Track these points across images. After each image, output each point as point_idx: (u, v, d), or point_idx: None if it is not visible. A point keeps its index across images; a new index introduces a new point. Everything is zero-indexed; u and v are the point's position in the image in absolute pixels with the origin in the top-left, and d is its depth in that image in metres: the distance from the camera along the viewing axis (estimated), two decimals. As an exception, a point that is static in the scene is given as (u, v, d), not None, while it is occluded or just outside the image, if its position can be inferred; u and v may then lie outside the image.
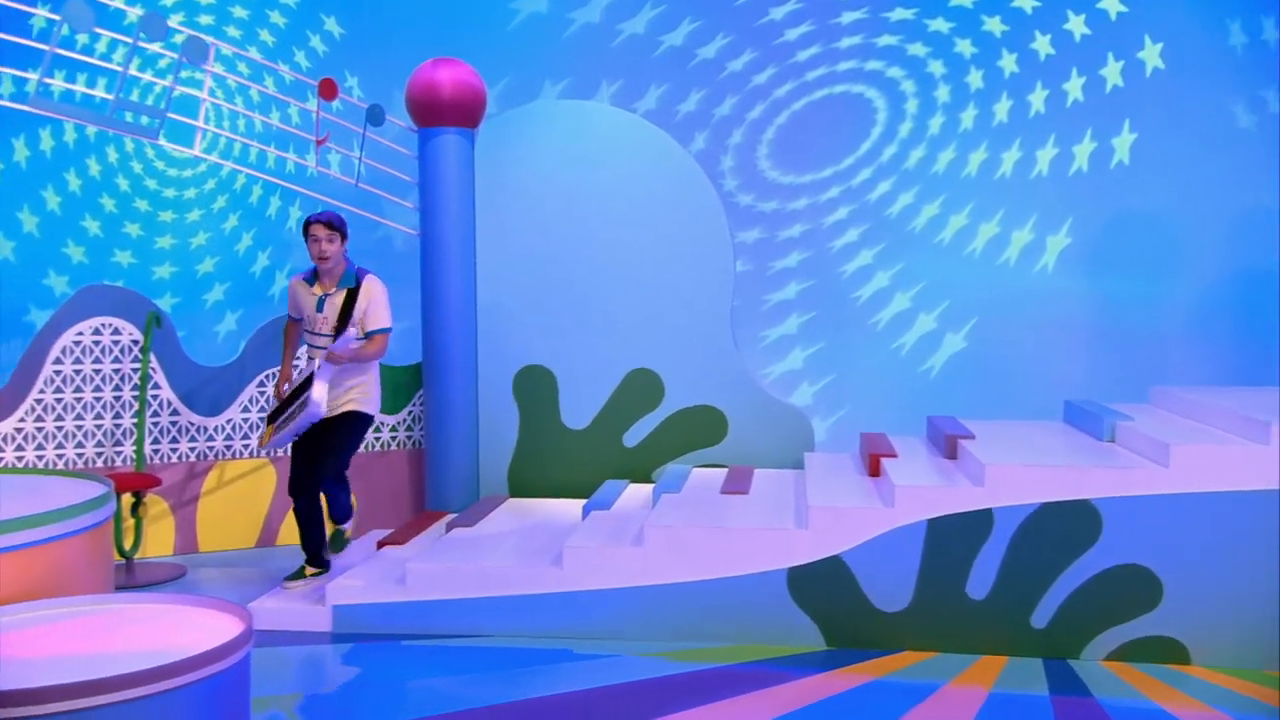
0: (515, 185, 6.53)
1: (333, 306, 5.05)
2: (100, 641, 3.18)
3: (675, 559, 4.80)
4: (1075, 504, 4.55)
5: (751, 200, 7.64)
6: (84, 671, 2.81)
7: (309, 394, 4.90)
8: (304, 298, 5.14)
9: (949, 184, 7.34)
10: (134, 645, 3.12)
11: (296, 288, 5.21)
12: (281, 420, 5.11)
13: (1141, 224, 6.98)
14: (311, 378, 4.94)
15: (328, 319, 5.07)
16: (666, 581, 4.79)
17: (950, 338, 7.33)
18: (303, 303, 5.15)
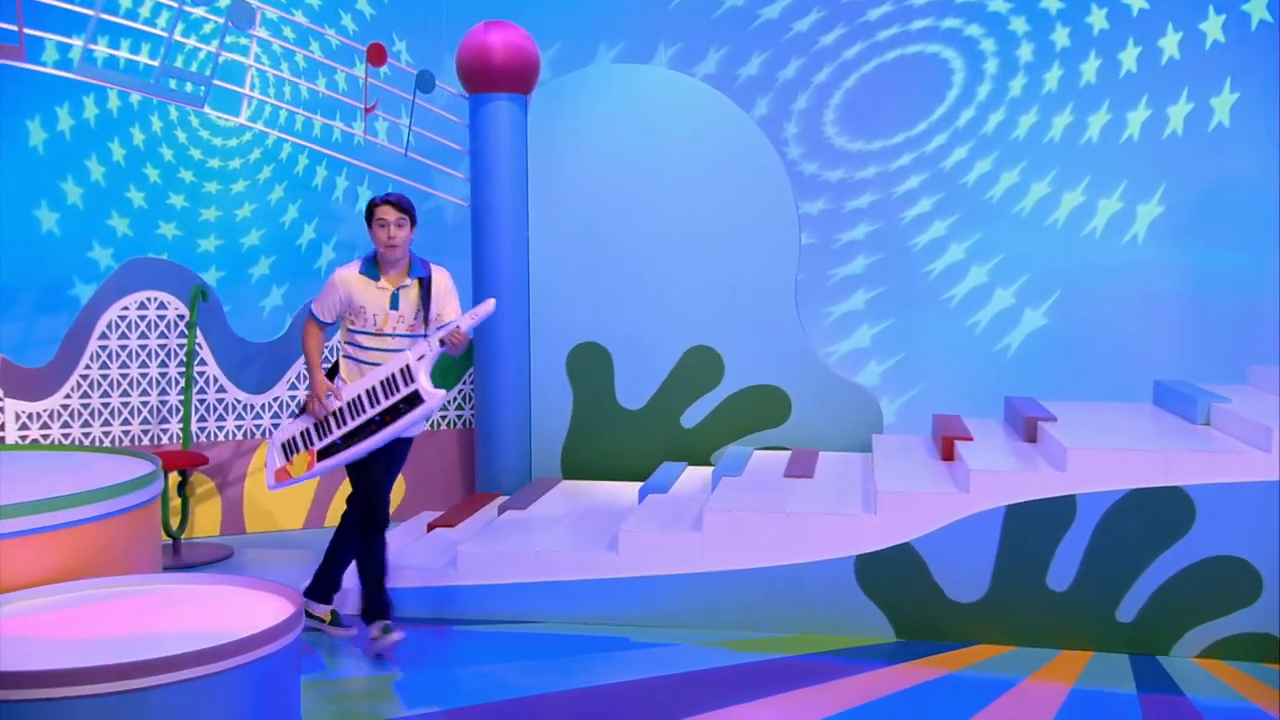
0: (569, 154, 6.52)
1: (409, 302, 4.45)
2: (149, 622, 3.26)
3: (736, 545, 4.78)
4: (1166, 491, 4.45)
5: (817, 169, 7.55)
6: (133, 652, 2.88)
7: (415, 389, 4.30)
8: (365, 294, 4.43)
9: (1030, 150, 7.19)
10: (183, 626, 3.19)
11: (352, 283, 4.43)
12: (334, 441, 4.43)
13: (1240, 192, 6.76)
14: (407, 374, 4.34)
15: (404, 317, 4.45)
16: (726, 568, 4.79)
17: (1030, 314, 7.19)
18: (363, 300, 4.43)
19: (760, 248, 6.53)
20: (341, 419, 4.44)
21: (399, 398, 4.35)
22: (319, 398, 4.46)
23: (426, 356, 4.37)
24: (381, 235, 4.39)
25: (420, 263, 4.52)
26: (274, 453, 4.56)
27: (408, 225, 4.42)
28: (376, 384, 4.40)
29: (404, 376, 4.36)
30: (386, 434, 4.37)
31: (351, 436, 4.40)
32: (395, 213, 4.39)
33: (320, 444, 4.46)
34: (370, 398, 4.40)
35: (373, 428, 4.37)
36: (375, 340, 4.46)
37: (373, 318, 4.45)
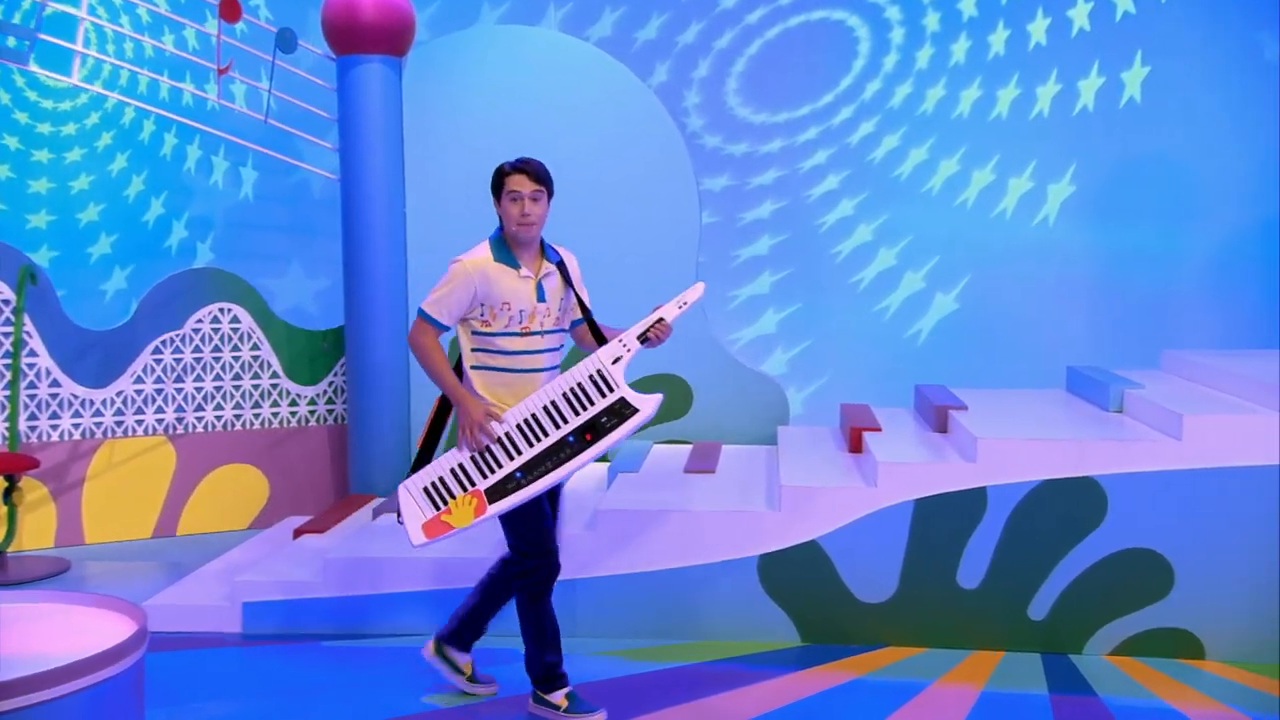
0: (449, 124, 6.46)
1: (554, 292, 3.96)
2: (-35, 646, 3.09)
3: (631, 546, 4.78)
4: (1078, 482, 4.59)
5: (719, 142, 7.59)
6: (-55, 680, 2.73)
7: (622, 396, 3.80)
8: (507, 286, 3.87)
9: (939, 125, 7.34)
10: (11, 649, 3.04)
11: (491, 273, 3.86)
12: (522, 468, 3.81)
13: (1154, 170, 7.03)
14: (600, 380, 3.84)
15: (550, 309, 3.94)
16: (622, 572, 4.79)
17: (940, 298, 7.36)
18: (505, 293, 3.87)
19: (659, 227, 6.55)
20: (512, 447, 3.83)
21: (598, 410, 3.80)
22: (478, 423, 3.80)
23: (624, 359, 3.84)
24: (514, 211, 3.86)
25: (548, 245, 4.03)
26: (415, 502, 3.89)
27: (544, 199, 3.93)
28: (558, 397, 3.84)
29: (597, 384, 3.83)
30: (591, 454, 3.79)
31: (534, 466, 3.80)
32: (531, 183, 3.89)
33: (488, 482, 3.81)
34: (552, 415, 3.83)
35: (566, 451, 3.80)
36: (521, 342, 3.87)
37: (519, 314, 3.87)
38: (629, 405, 3.79)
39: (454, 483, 3.86)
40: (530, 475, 3.79)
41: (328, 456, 6.65)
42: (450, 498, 3.84)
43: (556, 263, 4.00)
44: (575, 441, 3.79)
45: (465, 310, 3.88)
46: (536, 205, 3.89)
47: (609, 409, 3.79)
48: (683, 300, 3.90)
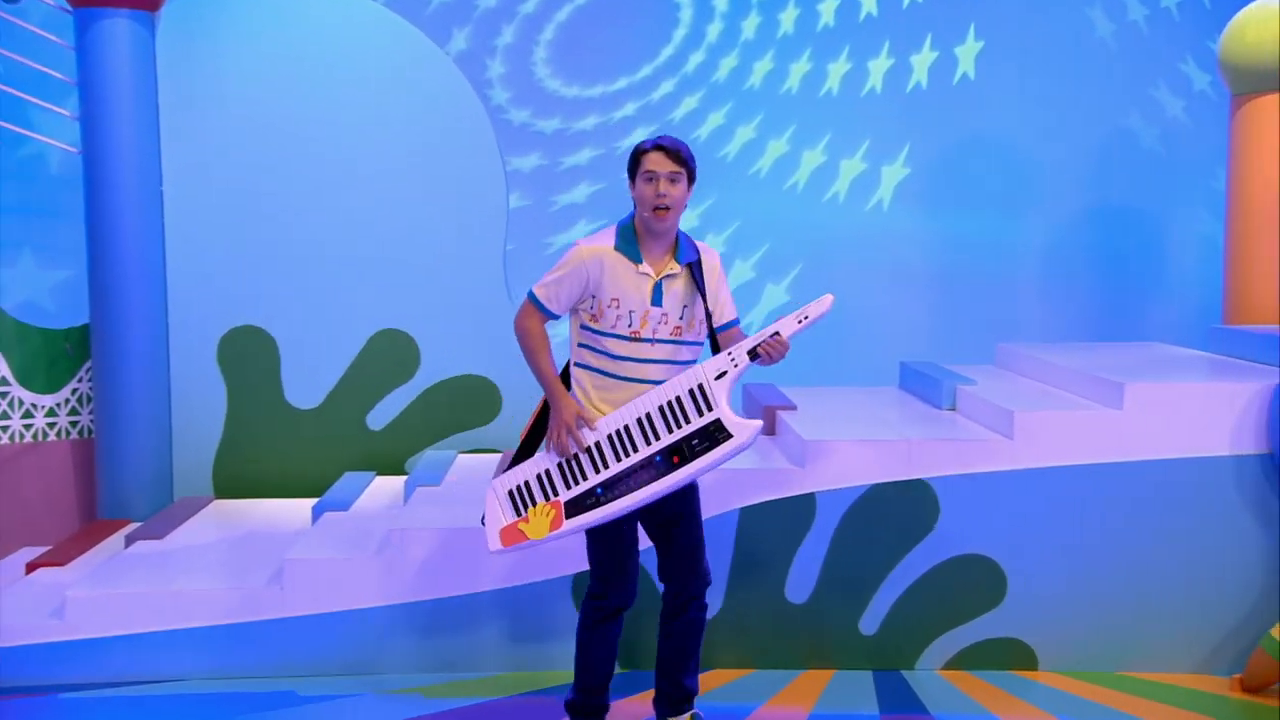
0: (214, 92, 6.32)
1: (676, 296, 3.84)
2: None
3: (432, 570, 4.75)
4: (908, 485, 4.77)
5: (528, 117, 7.54)
6: None
7: (718, 417, 3.70)
8: (621, 280, 3.80)
9: (766, 101, 7.49)
10: None
11: (608, 263, 3.80)
12: (604, 484, 3.77)
13: (989, 152, 7.37)
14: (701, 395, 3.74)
15: (668, 316, 3.84)
16: (420, 598, 4.75)
17: (770, 289, 7.51)
18: (617, 289, 3.80)
19: (461, 212, 6.51)
20: (600, 459, 3.79)
21: (690, 430, 3.72)
22: (568, 426, 3.79)
23: (729, 374, 3.73)
24: (648, 192, 3.75)
25: (687, 241, 3.90)
26: (498, 503, 3.90)
27: (684, 183, 3.79)
28: (654, 410, 3.77)
29: (696, 401, 3.73)
30: (674, 480, 3.73)
31: (616, 484, 3.76)
32: (670, 162, 3.76)
33: (570, 493, 3.80)
34: (645, 429, 3.76)
35: (650, 472, 3.74)
36: (629, 348, 3.81)
37: (628, 315, 3.80)
38: (723, 429, 3.70)
39: (538, 489, 3.86)
40: (610, 494, 3.76)
41: (70, 476, 6.38)
42: (532, 504, 3.86)
43: (689, 263, 3.85)
44: (662, 462, 3.74)
45: (576, 300, 3.85)
46: (674, 188, 3.77)
47: (702, 430, 3.72)
48: (804, 314, 3.72)
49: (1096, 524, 4.77)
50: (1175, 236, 7.50)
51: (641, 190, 3.79)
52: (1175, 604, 4.79)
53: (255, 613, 4.73)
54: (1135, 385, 4.78)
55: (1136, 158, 7.47)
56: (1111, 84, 7.40)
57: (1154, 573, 4.78)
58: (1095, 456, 4.76)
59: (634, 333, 3.81)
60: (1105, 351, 5.96)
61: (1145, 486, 4.74)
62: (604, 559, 3.94)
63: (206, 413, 6.44)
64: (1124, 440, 4.75)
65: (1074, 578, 4.79)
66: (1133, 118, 7.46)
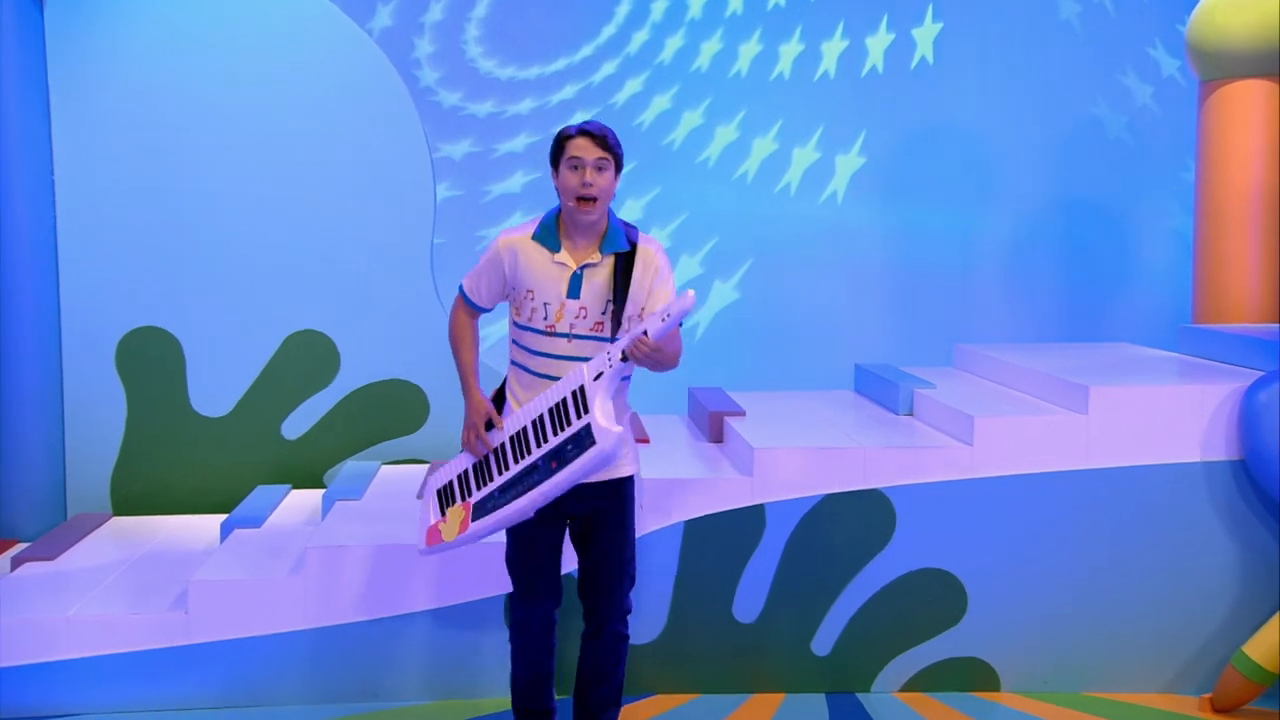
0: (111, 73, 6.27)
1: (594, 289, 3.85)
2: None
3: (352, 591, 4.72)
4: (863, 495, 4.81)
5: (459, 100, 7.52)
6: None
7: (587, 423, 3.69)
8: (537, 271, 3.85)
9: (714, 85, 7.52)
10: None
11: (521, 251, 3.87)
12: (493, 491, 3.88)
13: (948, 141, 7.44)
14: (581, 397, 3.74)
15: (587, 310, 3.85)
16: (340, 621, 4.72)
17: (719, 287, 7.54)
18: (532, 279, 3.86)
19: (385, 203, 6.48)
20: (503, 461, 3.88)
21: (568, 434, 3.73)
22: (474, 425, 3.94)
23: (605, 375, 3.73)
24: (572, 181, 3.77)
25: (621, 230, 3.88)
26: (428, 502, 4.04)
27: (611, 170, 3.82)
28: (545, 412, 3.81)
29: (577, 403, 3.74)
30: (552, 486, 3.74)
31: (511, 488, 3.83)
32: (596, 149, 3.79)
33: (478, 495, 3.91)
34: (537, 432, 3.81)
35: (534, 477, 3.78)
36: (546, 343, 3.86)
37: (543, 308, 3.85)
38: (590, 435, 3.68)
39: (458, 489, 3.99)
40: (505, 497, 3.84)
41: (-48, 492, 6.26)
42: (451, 504, 3.98)
43: (619, 253, 3.84)
44: (543, 465, 3.78)
45: (499, 292, 3.96)
46: (601, 176, 3.80)
47: (575, 435, 3.73)
48: (666, 312, 3.66)
49: (1061, 535, 4.83)
50: (1143, 230, 7.61)
51: (565, 179, 3.81)
52: (1143, 620, 4.86)
53: (158, 640, 4.68)
54: (1101, 388, 4.84)
55: (1103, 147, 7.58)
56: (1077, 70, 7.50)
57: (1121, 587, 4.84)
58: (1059, 464, 4.82)
59: (549, 327, 3.86)
60: (1070, 353, 6.03)
61: (1112, 496, 4.81)
62: (517, 563, 4.04)
63: (103, 421, 6.38)
64: (1089, 447, 4.82)
65: (1037, 593, 4.84)
66: (1099, 105, 7.57)
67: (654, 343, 3.65)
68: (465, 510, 3.92)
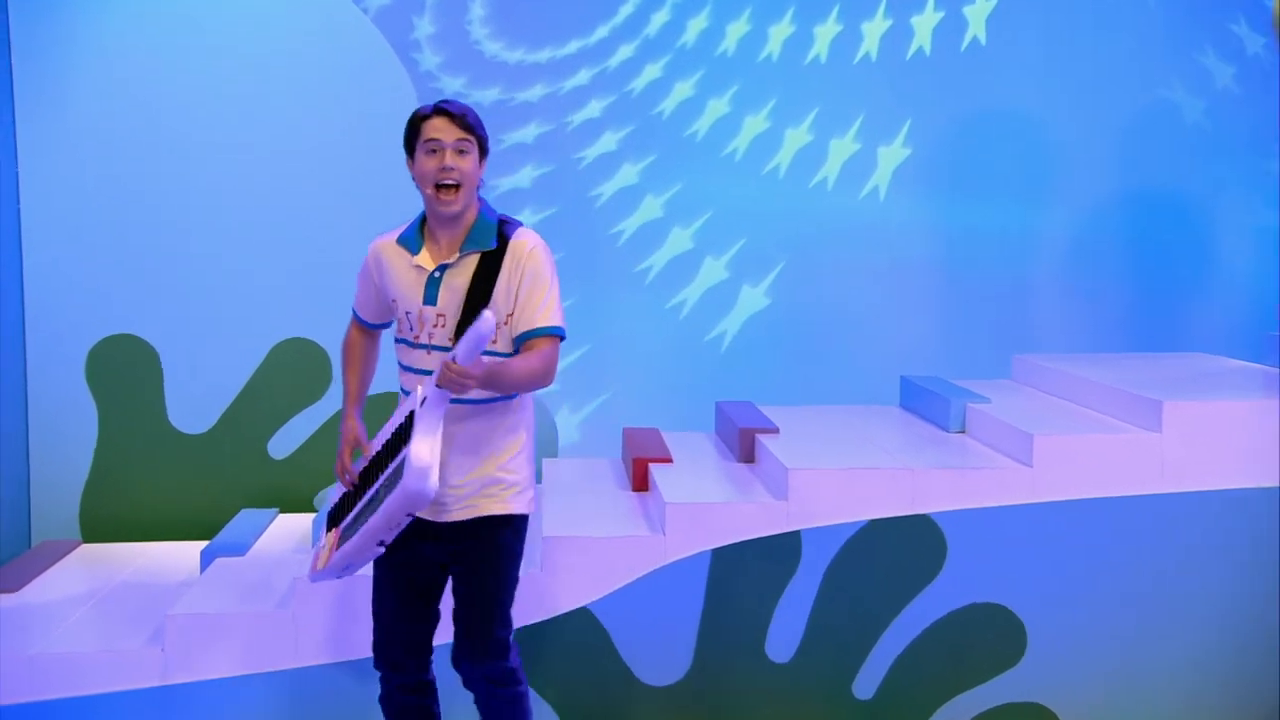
0: (80, 58, 6.32)
1: (453, 293, 3.76)
2: None
3: (345, 624, 4.71)
4: (910, 522, 4.79)
5: (463, 86, 7.52)
6: None
7: (404, 455, 3.60)
8: (399, 277, 3.81)
9: (742, 70, 7.49)
10: None
11: (385, 257, 3.85)
12: (350, 521, 3.86)
13: (1004, 130, 7.38)
14: (410, 424, 3.67)
15: (445, 316, 3.77)
16: (329, 660, 4.73)
17: (748, 292, 7.51)
18: (396, 286, 3.83)
19: (381, 199, 6.44)
20: (361, 488, 3.89)
21: (394, 465, 3.67)
22: (340, 450, 3.98)
23: (427, 400, 3.63)
24: (429, 167, 3.70)
25: (491, 225, 3.78)
26: (321, 527, 4.12)
27: (474, 153, 3.73)
28: (389, 437, 3.81)
29: (407, 430, 3.67)
30: (373, 525, 3.64)
31: (356, 521, 3.80)
32: (455, 129, 3.70)
33: (342, 524, 3.91)
34: (382, 460, 3.80)
35: (370, 512, 3.72)
36: (413, 356, 3.83)
37: (406, 318, 3.82)
38: (401, 471, 3.58)
39: (337, 514, 3.98)
40: (350, 531, 3.80)
41: (-92, 516, 6.27)
42: (332, 528, 3.96)
43: (482, 250, 3.75)
44: (380, 497, 3.70)
45: (374, 302, 3.97)
46: (463, 160, 3.71)
47: (396, 469, 3.64)
48: (466, 338, 3.50)
49: (1130, 567, 4.80)
50: (1222, 228, 7.53)
51: (422, 165, 3.74)
52: (1221, 660, 4.82)
53: (131, 680, 4.68)
54: (1176, 404, 4.81)
55: (1177, 135, 7.50)
56: (1149, 49, 7.43)
57: (1197, 624, 4.80)
58: (1129, 487, 4.79)
59: (415, 338, 3.82)
60: (1141, 364, 5.99)
61: (1187, 523, 4.78)
62: (375, 615, 3.99)
63: (72, 439, 6.41)
64: (1163, 468, 4.79)
65: (1104, 630, 4.82)
66: (1173, 88, 7.51)
67: (460, 368, 3.48)
68: (334, 538, 3.92)
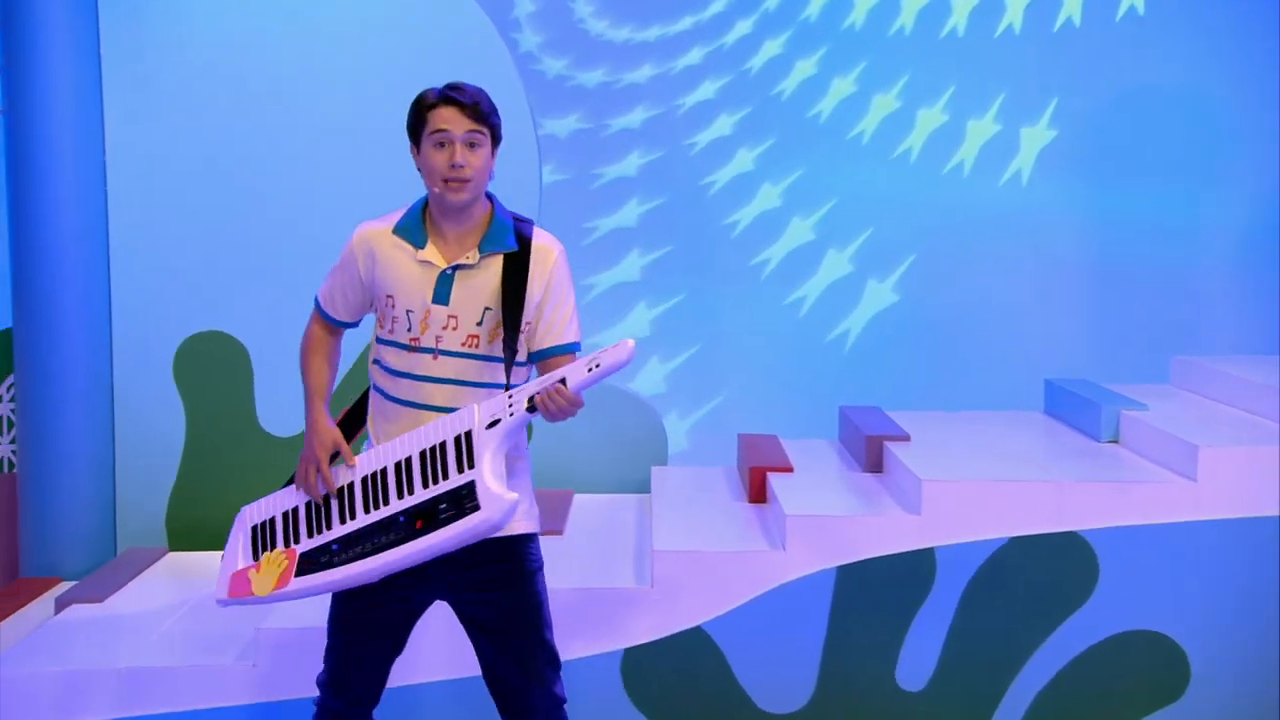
0: (174, 37, 6.38)
1: (473, 293, 3.67)
2: None
3: (447, 642, 4.67)
4: (1058, 540, 4.71)
5: (566, 68, 7.55)
6: None
7: (473, 480, 3.50)
8: (399, 272, 3.71)
9: (871, 46, 7.43)
10: None
11: (381, 250, 3.75)
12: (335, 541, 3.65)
13: (1163, 111, 7.23)
14: (462, 448, 3.55)
15: (458, 320, 3.69)
16: (431, 679, 4.78)
17: (874, 287, 7.45)
18: (391, 281, 3.72)
19: (480, 187, 6.49)
20: (348, 507, 3.68)
21: (441, 490, 3.55)
22: (316, 457, 3.74)
23: (503, 424, 3.53)
24: (438, 161, 3.62)
25: (508, 224, 3.71)
26: (237, 542, 3.83)
27: (487, 146, 3.64)
28: (416, 455, 3.62)
29: (460, 451, 3.56)
30: (409, 552, 3.52)
31: (354, 542, 3.62)
32: (466, 120, 3.61)
33: (308, 544, 3.68)
34: (400, 478, 3.63)
35: (390, 535, 3.57)
36: (410, 360, 3.69)
37: (405, 317, 3.69)
38: (473, 496, 3.47)
39: (282, 529, 3.76)
40: (345, 553, 3.61)
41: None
42: (269, 549, 3.75)
43: (505, 252, 3.67)
44: (405, 523, 3.56)
45: (357, 299, 3.81)
46: (474, 155, 3.62)
47: (452, 493, 3.52)
48: (595, 361, 3.43)
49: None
50: None
51: (429, 158, 3.65)
52: None
53: (223, 697, 4.73)
54: (1359, 411, 4.68)
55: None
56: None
57: (1384, 657, 4.66)
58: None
59: (413, 340, 3.67)
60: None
61: (1372, 543, 4.64)
62: (334, 640, 3.79)
63: (159, 441, 6.47)
64: (1342, 483, 4.66)
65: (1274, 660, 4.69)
66: (1346, 64, 7.33)
67: (574, 396, 3.42)
68: (288, 560, 3.69)
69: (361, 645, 3.76)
